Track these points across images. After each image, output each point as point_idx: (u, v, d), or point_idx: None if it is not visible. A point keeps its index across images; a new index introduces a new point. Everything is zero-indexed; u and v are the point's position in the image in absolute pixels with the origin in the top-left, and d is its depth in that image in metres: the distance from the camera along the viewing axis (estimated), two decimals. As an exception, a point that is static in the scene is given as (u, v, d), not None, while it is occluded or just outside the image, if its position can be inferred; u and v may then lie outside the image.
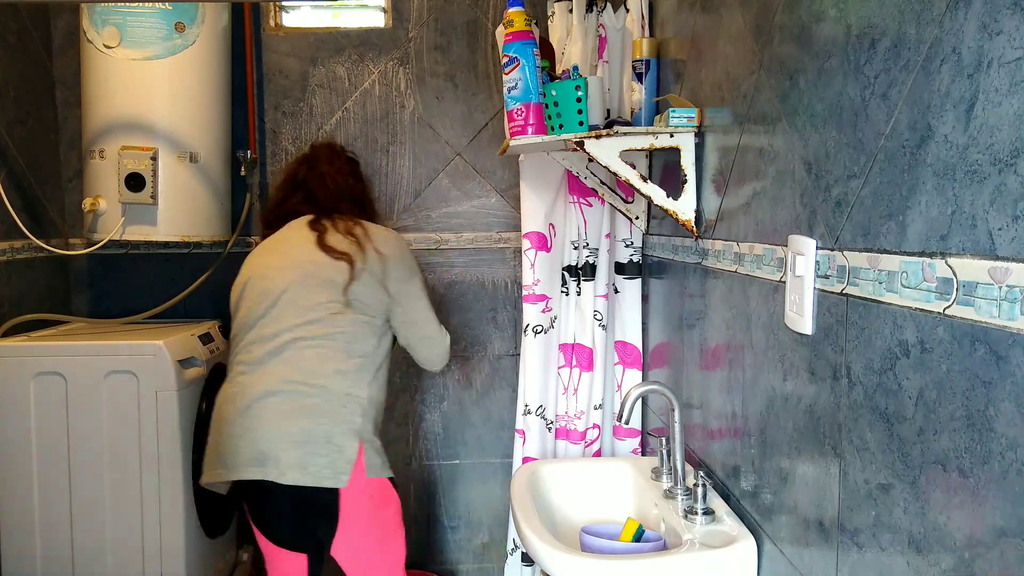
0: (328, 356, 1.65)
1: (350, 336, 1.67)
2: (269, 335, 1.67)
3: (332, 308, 1.66)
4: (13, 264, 2.19)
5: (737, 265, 1.34)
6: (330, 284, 1.67)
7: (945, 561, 0.75)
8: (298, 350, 1.64)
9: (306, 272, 1.69)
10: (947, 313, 0.74)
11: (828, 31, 1.00)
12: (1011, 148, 0.66)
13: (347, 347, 1.66)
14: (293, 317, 1.66)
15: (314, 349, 1.64)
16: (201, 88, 2.21)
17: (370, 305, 1.71)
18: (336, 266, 1.68)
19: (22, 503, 2.00)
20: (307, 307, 1.66)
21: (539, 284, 2.08)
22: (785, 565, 1.15)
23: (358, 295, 1.68)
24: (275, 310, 1.68)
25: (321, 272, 1.68)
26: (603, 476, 1.72)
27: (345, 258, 1.69)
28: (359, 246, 1.71)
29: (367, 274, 1.70)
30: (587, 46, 1.97)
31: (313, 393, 1.62)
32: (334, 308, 1.66)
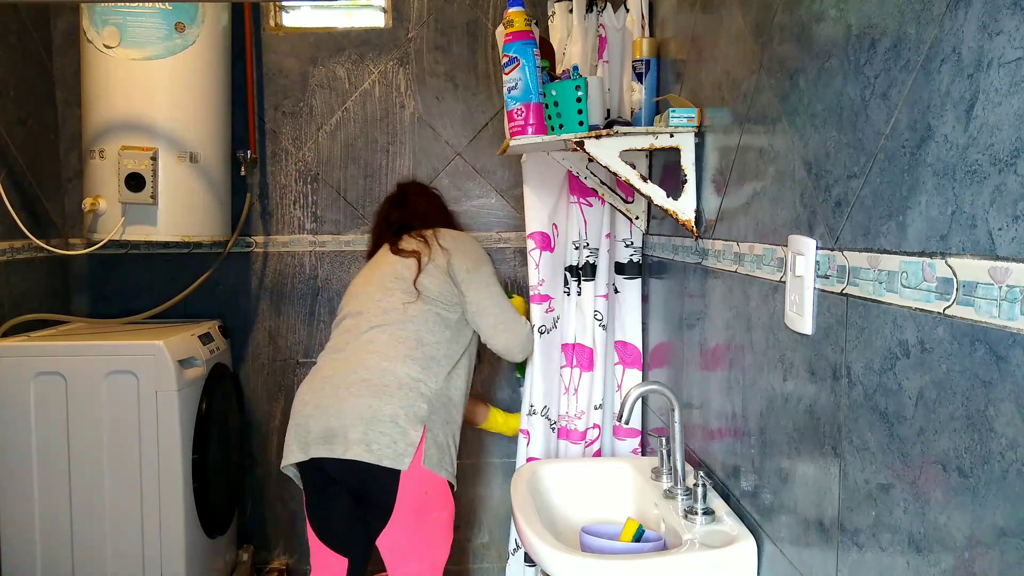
0: (400, 342, 1.75)
1: (421, 325, 1.79)
2: (351, 327, 1.81)
3: (405, 299, 1.81)
4: (13, 264, 2.19)
5: (737, 265, 1.34)
6: (401, 280, 1.83)
7: (945, 561, 0.75)
8: (373, 336, 1.77)
9: (383, 274, 1.87)
10: (947, 313, 0.74)
11: (828, 31, 1.00)
12: (1011, 148, 0.66)
13: (419, 336, 1.77)
14: (371, 310, 1.81)
15: (388, 335, 1.76)
16: (201, 88, 2.21)
17: (439, 296, 1.83)
18: (406, 263, 1.86)
19: (22, 503, 2.00)
20: (383, 299, 1.81)
21: (544, 284, 2.08)
22: (785, 565, 1.15)
23: (425, 286, 1.82)
24: (358, 308, 1.84)
25: (394, 271, 1.86)
26: (603, 476, 1.72)
27: (414, 255, 1.87)
28: (426, 244, 1.89)
29: (432, 266, 1.85)
30: (587, 46, 1.97)
31: (383, 374, 1.71)
32: (407, 299, 1.81)
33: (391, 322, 1.78)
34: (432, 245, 1.89)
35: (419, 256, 1.86)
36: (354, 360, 1.74)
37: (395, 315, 1.79)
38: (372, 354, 1.74)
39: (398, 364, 1.72)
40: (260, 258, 2.54)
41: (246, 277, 2.54)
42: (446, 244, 1.90)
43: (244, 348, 2.55)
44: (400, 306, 1.80)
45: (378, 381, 1.70)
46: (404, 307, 1.80)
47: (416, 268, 1.84)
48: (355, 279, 1.98)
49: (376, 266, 1.92)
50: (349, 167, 2.52)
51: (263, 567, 2.57)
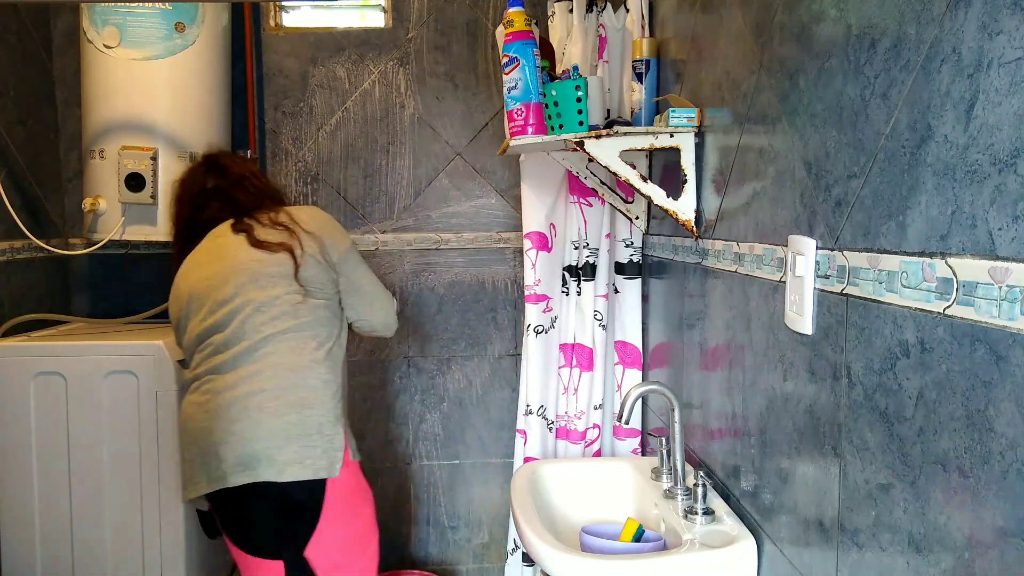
0: (301, 347, 1.63)
1: (315, 323, 1.66)
2: (234, 339, 1.63)
3: (291, 299, 1.64)
4: (13, 264, 2.19)
5: (737, 265, 1.34)
6: (280, 277, 1.65)
7: (945, 561, 0.75)
8: (271, 346, 1.62)
9: (252, 271, 1.65)
10: (947, 313, 0.74)
11: (828, 31, 1.00)
12: (1011, 148, 0.66)
13: (315, 335, 1.66)
14: (256, 316, 1.63)
15: (287, 342, 1.63)
16: (201, 88, 2.21)
17: (323, 286, 1.69)
18: (278, 258, 1.66)
19: (22, 503, 2.00)
20: (266, 303, 1.63)
21: (540, 284, 2.08)
22: (785, 565, 1.15)
23: (308, 280, 1.67)
24: (234, 315, 1.64)
25: (267, 268, 1.66)
26: (603, 476, 1.72)
27: (283, 248, 1.67)
28: (290, 232, 1.69)
29: (309, 257, 1.68)
30: (587, 46, 1.97)
31: (297, 386, 1.61)
32: (294, 299, 1.65)
33: (285, 328, 1.63)
34: (298, 233, 1.69)
35: (290, 249, 1.67)
36: (257, 377, 1.60)
37: (286, 319, 1.63)
38: (276, 367, 1.61)
39: (307, 372, 1.62)
40: (260, 258, 2.53)
41: (246, 277, 2.54)
42: (308, 227, 1.72)
43: (244, 348, 2.55)
44: (290, 308, 1.64)
45: (293, 396, 1.59)
46: (294, 308, 1.64)
47: (292, 263, 1.66)
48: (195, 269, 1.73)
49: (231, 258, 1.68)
50: (349, 167, 2.52)
51: (263, 567, 2.56)
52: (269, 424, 1.57)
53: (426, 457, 2.59)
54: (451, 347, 2.56)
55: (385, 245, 2.52)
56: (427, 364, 2.55)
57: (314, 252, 1.69)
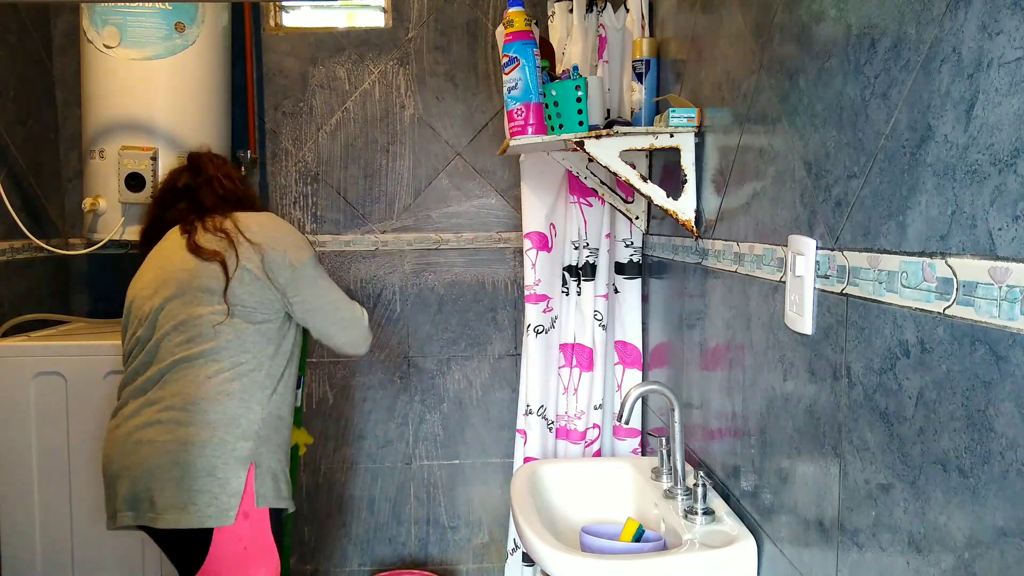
0: (211, 376, 1.46)
1: (237, 348, 1.49)
2: (150, 361, 1.51)
3: (213, 319, 1.48)
4: (13, 264, 2.19)
5: (737, 265, 1.34)
6: (207, 292, 1.49)
7: (945, 561, 0.75)
8: (178, 373, 1.47)
9: (181, 283, 1.51)
10: (947, 313, 0.74)
11: (828, 31, 1.00)
12: (1011, 148, 0.66)
13: (234, 362, 1.48)
14: (173, 336, 1.49)
15: (196, 369, 1.46)
16: (201, 88, 2.21)
17: (257, 307, 1.51)
18: (209, 269, 1.50)
19: (22, 503, 2.00)
20: (186, 323, 1.49)
21: (540, 284, 2.08)
22: (785, 565, 1.15)
23: (240, 299, 1.49)
24: (151, 334, 1.51)
25: (195, 280, 1.50)
26: (603, 476, 1.72)
27: (216, 258, 1.50)
28: (229, 241, 1.52)
29: (244, 272, 1.50)
30: (587, 46, 1.97)
31: (193, 420, 1.44)
32: (215, 319, 1.48)
33: (199, 352, 1.47)
34: (237, 241, 1.51)
35: (223, 260, 1.49)
36: (156, 406, 1.46)
37: (202, 342, 1.47)
38: (176, 396, 1.45)
39: (209, 404, 1.44)
40: (260, 258, 2.53)
41: (246, 277, 2.54)
42: (254, 237, 1.53)
43: (244, 348, 2.55)
44: (209, 329, 1.47)
45: (185, 432, 1.43)
46: (214, 330, 1.47)
47: (223, 276, 1.49)
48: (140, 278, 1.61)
49: (167, 264, 1.55)
50: (349, 167, 2.52)
51: (263, 567, 2.57)
52: (153, 461, 1.43)
53: (426, 457, 2.59)
54: (451, 347, 2.56)
55: (385, 245, 2.52)
56: (427, 364, 2.55)
57: (253, 267, 1.51)
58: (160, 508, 1.42)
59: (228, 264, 1.50)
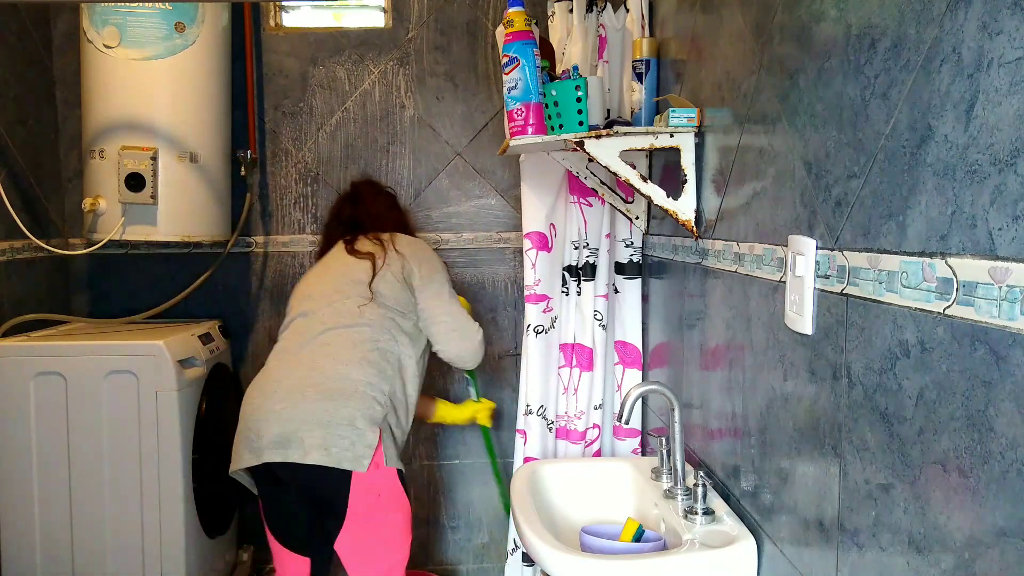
0: (355, 345, 1.73)
1: (377, 329, 1.76)
2: (304, 329, 1.78)
3: (359, 301, 1.78)
4: (13, 264, 2.19)
5: (737, 265, 1.34)
6: (357, 282, 1.81)
7: (945, 561, 0.75)
8: (328, 338, 1.74)
9: (338, 274, 1.85)
10: (947, 313, 0.74)
11: (828, 31, 1.00)
12: (1011, 148, 0.66)
13: (374, 339, 1.75)
14: (326, 310, 1.78)
15: (343, 338, 1.74)
16: (201, 88, 2.21)
17: (393, 301, 1.81)
18: (361, 265, 1.84)
19: (22, 503, 2.00)
20: (338, 301, 1.78)
21: (540, 284, 2.08)
22: (785, 565, 1.15)
23: (380, 290, 1.80)
24: (311, 309, 1.81)
25: (350, 273, 1.83)
26: (603, 476, 1.72)
27: (369, 257, 1.85)
28: (382, 247, 1.88)
29: (388, 271, 1.83)
30: (587, 46, 1.97)
31: (339, 377, 1.68)
32: (361, 301, 1.78)
33: (346, 324, 1.76)
34: (388, 248, 1.88)
35: (374, 259, 1.85)
36: (308, 363, 1.72)
37: (350, 318, 1.76)
38: (327, 357, 1.71)
39: (353, 368, 1.70)
40: (260, 258, 2.54)
41: (246, 277, 2.54)
42: (402, 249, 1.89)
43: (244, 348, 2.55)
44: (356, 308, 1.78)
45: (333, 385, 1.67)
46: (360, 310, 1.77)
47: (371, 271, 1.83)
48: (306, 277, 1.96)
49: (329, 266, 1.91)
50: (349, 167, 2.52)
51: (263, 567, 2.56)
52: (304, 408, 1.65)
53: (426, 457, 2.59)
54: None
55: (385, 245, 2.52)
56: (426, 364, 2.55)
57: (395, 269, 1.84)
58: (309, 447, 1.62)
59: (376, 263, 1.84)
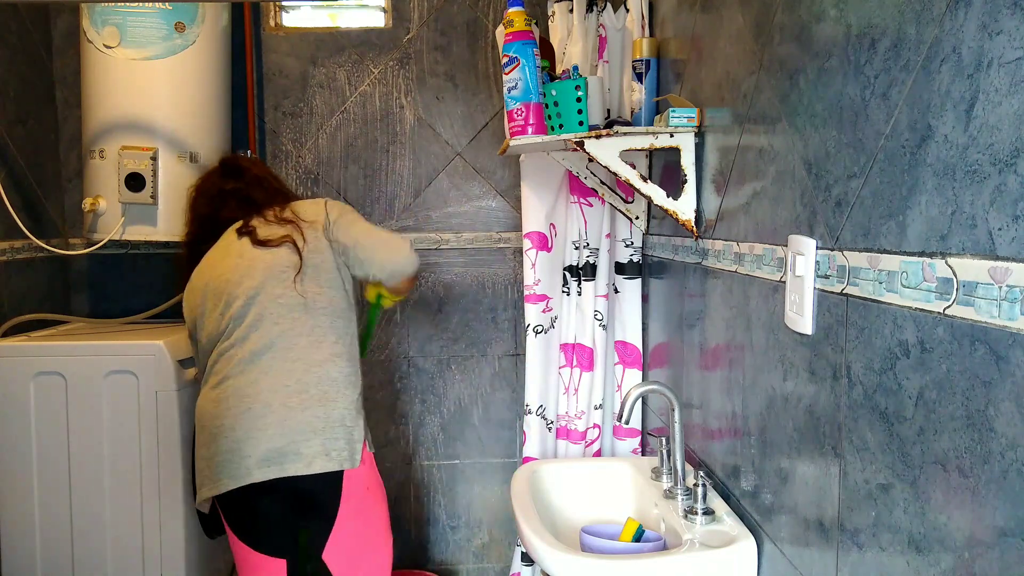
0: (320, 341, 1.65)
1: (332, 313, 1.68)
2: (250, 336, 1.64)
3: (306, 291, 1.66)
4: (13, 264, 2.19)
5: (737, 265, 1.34)
6: (291, 269, 1.67)
7: (945, 561, 0.75)
8: (288, 341, 1.63)
9: (268, 266, 1.67)
10: (947, 313, 0.74)
11: (828, 31, 1.00)
12: (1011, 148, 0.66)
13: (334, 327, 1.68)
14: (271, 311, 1.64)
15: (304, 337, 1.64)
16: (201, 88, 2.21)
17: (332, 267, 1.70)
18: (282, 254, 1.68)
19: (22, 503, 2.00)
20: (280, 297, 1.65)
21: (540, 284, 2.08)
22: (785, 565, 1.15)
23: (317, 264, 1.68)
24: (248, 311, 1.65)
25: (278, 262, 1.67)
26: (603, 476, 1.72)
27: (287, 240, 1.69)
28: (294, 225, 1.72)
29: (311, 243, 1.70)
30: (587, 46, 1.97)
31: (318, 381, 1.63)
32: (306, 290, 1.66)
33: (305, 322, 1.65)
34: (300, 225, 1.72)
35: (293, 239, 1.69)
36: (277, 373, 1.61)
37: (301, 313, 1.65)
38: (297, 362, 1.62)
39: (328, 367, 1.64)
40: (260, 258, 2.53)
41: (246, 277, 2.54)
42: (308, 217, 1.74)
43: (244, 348, 2.55)
44: (304, 301, 1.66)
45: (316, 390, 1.62)
46: (311, 300, 1.66)
47: (298, 252, 1.68)
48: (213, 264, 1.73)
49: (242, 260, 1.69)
50: (349, 167, 2.52)
51: (263, 567, 2.56)
52: (295, 419, 1.59)
53: (426, 457, 2.59)
54: (451, 347, 2.56)
55: (385, 245, 2.52)
56: (427, 364, 2.55)
57: (316, 237, 1.71)
58: (309, 457, 1.58)
59: (297, 241, 1.69)
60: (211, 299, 1.69)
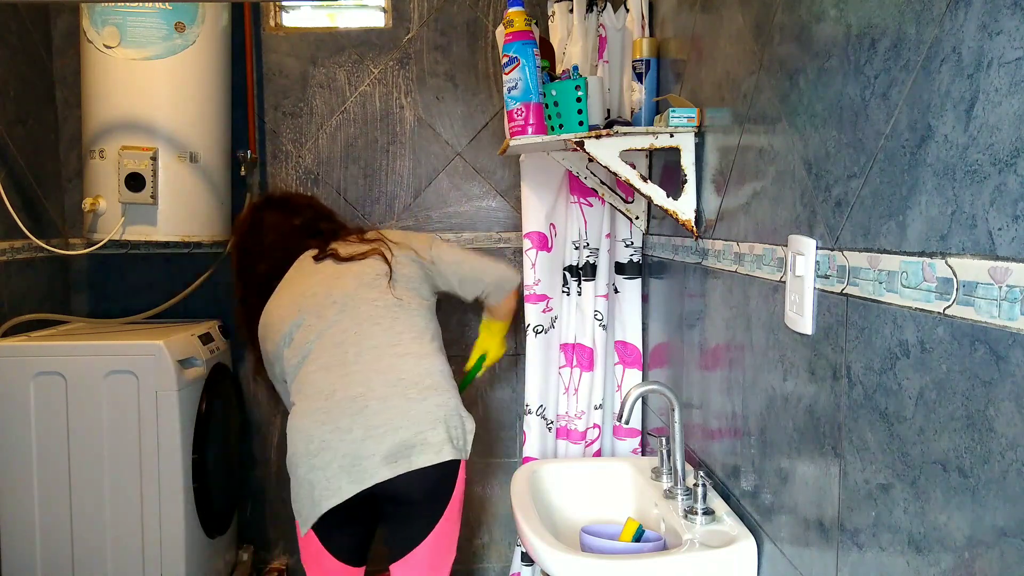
0: (420, 337, 1.67)
1: (421, 318, 1.71)
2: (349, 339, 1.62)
3: (398, 294, 1.69)
4: (13, 264, 2.19)
5: (737, 265, 1.34)
6: (383, 276, 1.71)
7: (945, 561, 0.75)
8: (393, 338, 1.63)
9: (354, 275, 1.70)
10: (947, 313, 0.74)
11: (828, 31, 1.00)
12: (1011, 148, 0.66)
13: (426, 328, 1.70)
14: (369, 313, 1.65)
15: (407, 334, 1.66)
16: (201, 88, 2.21)
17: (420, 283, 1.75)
18: (371, 263, 1.73)
19: (22, 503, 2.00)
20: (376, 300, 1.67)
21: (540, 284, 2.08)
22: (785, 565, 1.15)
23: (408, 277, 1.73)
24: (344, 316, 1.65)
25: (367, 271, 1.71)
26: (603, 476, 1.72)
27: (373, 253, 1.74)
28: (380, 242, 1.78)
29: (400, 257, 1.75)
30: (587, 46, 1.97)
31: (426, 372, 1.62)
32: (399, 294, 1.70)
33: (401, 322, 1.66)
34: (383, 239, 1.79)
35: (379, 252, 1.74)
36: (383, 369, 1.59)
37: (397, 312, 1.67)
38: (406, 357, 1.61)
39: (435, 359, 1.65)
40: (260, 258, 2.53)
41: (246, 277, 2.54)
42: (393, 238, 1.81)
43: (244, 348, 2.55)
44: (395, 303, 1.68)
45: (428, 381, 1.60)
46: (400, 304, 1.68)
47: (386, 263, 1.72)
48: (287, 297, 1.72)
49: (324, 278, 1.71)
50: (349, 167, 2.52)
51: (263, 567, 2.56)
52: (417, 409, 1.57)
53: (426, 457, 2.58)
54: (451, 347, 2.54)
55: (385, 245, 2.52)
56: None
57: (406, 253, 1.76)
58: (437, 444, 1.56)
59: (384, 252, 1.74)
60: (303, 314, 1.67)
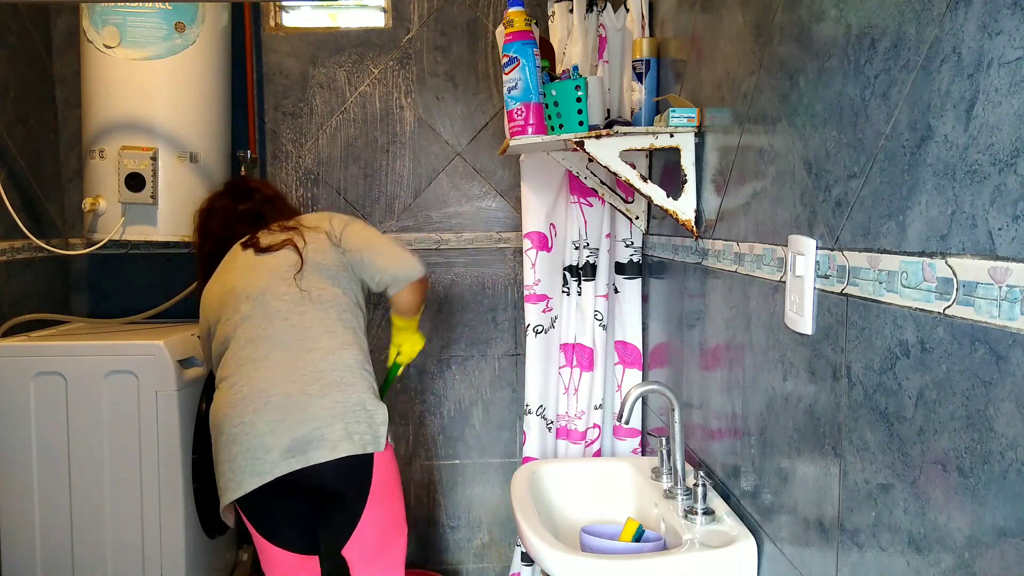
0: (331, 331, 1.67)
1: (340, 309, 1.71)
2: (261, 335, 1.66)
3: (310, 287, 1.69)
4: (13, 264, 2.19)
5: (737, 265, 1.34)
6: (293, 268, 1.71)
7: (945, 561, 0.75)
8: (300, 333, 1.66)
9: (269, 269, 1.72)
10: (947, 313, 0.74)
11: (828, 31, 1.00)
12: (1011, 148, 0.66)
13: (341, 320, 1.70)
14: (280, 309, 1.67)
15: (315, 328, 1.67)
16: (201, 88, 2.21)
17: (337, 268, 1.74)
18: (284, 255, 1.73)
19: (22, 503, 2.00)
20: (285, 295, 1.68)
21: (540, 284, 2.08)
22: (785, 565, 1.15)
23: (321, 264, 1.72)
24: (256, 311, 1.68)
25: (281, 264, 1.72)
26: (603, 476, 1.72)
27: (288, 243, 1.74)
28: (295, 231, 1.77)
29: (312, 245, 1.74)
30: (587, 46, 1.97)
31: (333, 368, 1.64)
32: (309, 286, 1.69)
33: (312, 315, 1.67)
34: (299, 228, 1.78)
35: (292, 242, 1.74)
36: (291, 364, 1.63)
37: (311, 307, 1.68)
38: (311, 352, 1.64)
39: (342, 354, 1.65)
40: (260, 258, 2.53)
41: (246, 277, 2.54)
42: (310, 224, 1.79)
43: (244, 348, 2.55)
44: (312, 296, 1.69)
45: (333, 377, 1.62)
46: (318, 296, 1.69)
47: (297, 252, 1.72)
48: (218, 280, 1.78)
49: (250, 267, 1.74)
50: (349, 167, 2.52)
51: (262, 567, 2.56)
52: (316, 406, 1.59)
53: (426, 457, 2.59)
54: (451, 347, 2.56)
55: (385, 245, 2.52)
56: (427, 364, 2.55)
57: (318, 239, 1.75)
58: (333, 441, 1.58)
59: (297, 243, 1.74)
60: (223, 308, 1.73)
